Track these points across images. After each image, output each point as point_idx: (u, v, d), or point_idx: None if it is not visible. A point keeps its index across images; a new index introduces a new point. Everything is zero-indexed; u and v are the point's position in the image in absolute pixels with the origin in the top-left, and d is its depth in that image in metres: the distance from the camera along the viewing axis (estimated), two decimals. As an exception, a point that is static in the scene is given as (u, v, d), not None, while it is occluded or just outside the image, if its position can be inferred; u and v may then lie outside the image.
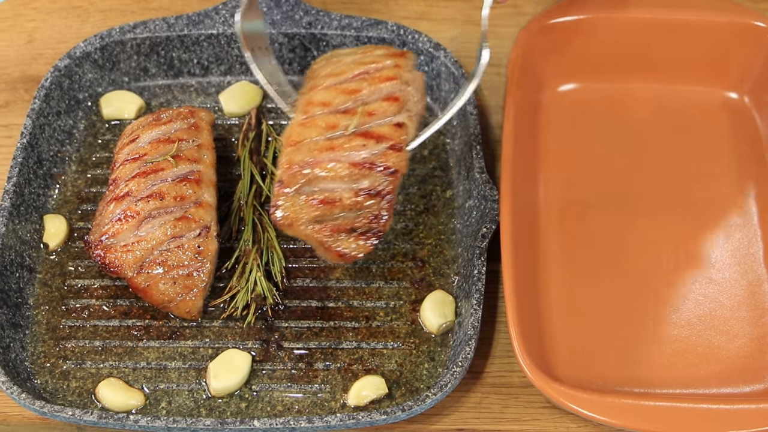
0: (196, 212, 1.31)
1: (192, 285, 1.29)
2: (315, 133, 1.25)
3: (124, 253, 1.29)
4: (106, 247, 1.29)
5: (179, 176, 1.32)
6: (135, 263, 1.29)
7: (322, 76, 1.31)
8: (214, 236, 1.31)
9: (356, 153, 1.23)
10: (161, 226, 1.29)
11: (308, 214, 1.22)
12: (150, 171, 1.32)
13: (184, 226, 1.30)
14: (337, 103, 1.27)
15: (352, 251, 1.24)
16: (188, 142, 1.36)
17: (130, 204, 1.30)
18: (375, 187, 1.23)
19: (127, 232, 1.29)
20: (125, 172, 1.33)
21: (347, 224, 1.23)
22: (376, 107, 1.26)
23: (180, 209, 1.30)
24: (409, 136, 1.27)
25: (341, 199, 1.22)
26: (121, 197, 1.31)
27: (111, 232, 1.30)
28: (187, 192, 1.31)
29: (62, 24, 1.63)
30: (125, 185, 1.32)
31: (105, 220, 1.31)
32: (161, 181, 1.32)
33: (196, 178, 1.33)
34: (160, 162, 1.33)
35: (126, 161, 1.34)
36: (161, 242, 1.29)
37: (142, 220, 1.29)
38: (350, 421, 1.21)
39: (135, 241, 1.29)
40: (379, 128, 1.25)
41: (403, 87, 1.29)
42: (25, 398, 1.22)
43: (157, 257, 1.29)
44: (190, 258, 1.29)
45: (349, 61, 1.32)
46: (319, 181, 1.22)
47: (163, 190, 1.31)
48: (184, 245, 1.29)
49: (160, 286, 1.29)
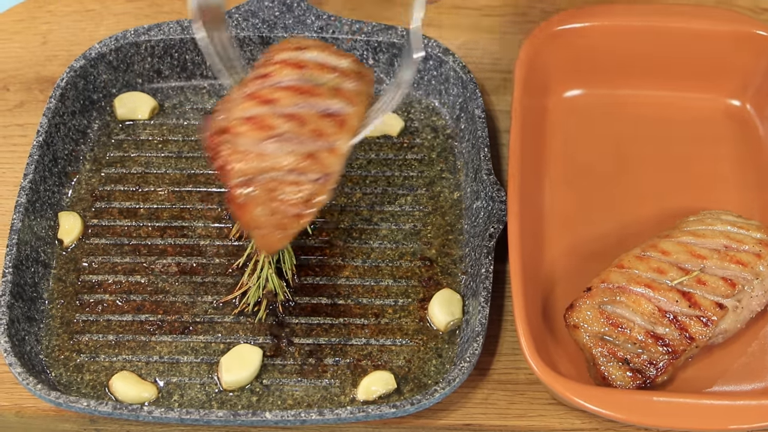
0: (326, 157, 1.21)
1: (287, 226, 1.22)
2: None
3: (238, 155, 1.19)
4: (221, 143, 1.20)
5: (328, 110, 1.23)
6: (243, 174, 1.19)
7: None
8: (329, 188, 1.21)
9: None
10: (288, 154, 1.19)
11: None
12: (305, 90, 1.23)
13: (308, 166, 1.20)
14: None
15: None
16: (351, 82, 1.26)
17: (269, 113, 1.21)
18: None
19: (251, 138, 1.19)
20: (279, 73, 1.24)
21: None
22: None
23: (313, 144, 1.21)
24: None
25: None
26: (264, 100, 1.22)
27: (235, 130, 1.20)
28: (328, 130, 1.22)
29: (76, 26, 1.66)
30: (273, 90, 1.23)
31: (235, 112, 1.22)
32: (310, 106, 1.22)
33: (342, 120, 1.23)
34: (316, 86, 1.23)
35: (286, 62, 1.26)
36: (280, 169, 1.19)
37: (272, 137, 1.19)
38: (360, 414, 1.23)
39: (256, 153, 1.19)
40: None
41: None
42: (40, 389, 1.24)
43: (269, 182, 1.19)
44: (300, 201, 1.20)
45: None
46: None
47: (306, 117, 1.21)
48: (299, 184, 1.20)
49: (257, 210, 1.20)
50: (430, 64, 1.53)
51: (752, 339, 1.33)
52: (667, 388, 1.29)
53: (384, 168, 1.49)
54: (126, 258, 1.40)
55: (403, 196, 1.46)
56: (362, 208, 1.45)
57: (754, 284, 1.30)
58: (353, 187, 1.47)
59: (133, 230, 1.43)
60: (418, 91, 1.55)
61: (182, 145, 1.51)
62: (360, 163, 1.49)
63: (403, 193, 1.46)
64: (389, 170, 1.48)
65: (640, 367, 1.26)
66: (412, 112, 1.54)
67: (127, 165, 1.49)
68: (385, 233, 1.43)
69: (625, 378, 1.25)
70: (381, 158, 1.50)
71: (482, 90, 1.56)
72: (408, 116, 1.54)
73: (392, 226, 1.43)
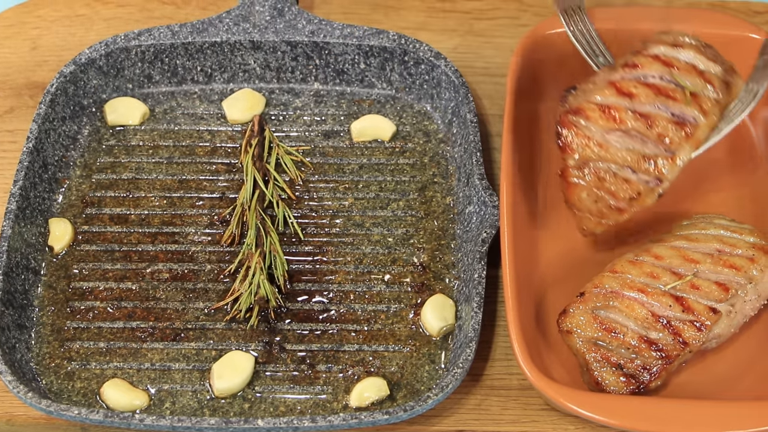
0: (663, 163, 1.26)
1: (606, 215, 1.30)
2: None
3: (583, 139, 1.27)
4: (571, 123, 1.28)
5: (680, 116, 1.27)
6: (582, 157, 1.27)
7: None
8: (657, 194, 1.28)
9: None
10: (629, 151, 1.27)
11: None
12: (665, 92, 1.28)
13: (643, 167, 1.27)
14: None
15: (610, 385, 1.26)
16: (713, 91, 1.30)
17: (623, 105, 1.27)
18: None
19: (599, 126, 1.27)
20: (648, 67, 1.30)
21: None
22: None
23: (654, 148, 1.27)
24: None
25: None
26: (623, 92, 1.28)
27: (587, 113, 1.27)
28: (673, 138, 1.27)
29: (66, 32, 1.65)
30: (635, 83, 1.28)
31: (593, 95, 1.29)
32: (665, 108, 1.27)
33: (690, 131, 1.27)
34: (678, 90, 1.28)
35: (658, 58, 1.30)
36: (617, 162, 1.27)
37: (618, 130, 1.27)
38: (353, 421, 1.23)
39: (598, 141, 1.27)
40: None
41: None
42: (31, 397, 1.24)
43: (603, 170, 1.27)
44: (626, 197, 1.28)
45: None
46: None
47: (656, 119, 1.27)
48: (630, 182, 1.27)
49: (582, 194, 1.29)
50: (422, 68, 1.53)
51: (746, 344, 1.33)
52: (661, 393, 1.29)
53: (376, 173, 1.48)
54: (117, 264, 1.40)
55: (395, 201, 1.46)
56: (354, 213, 1.44)
57: (748, 288, 1.29)
58: (345, 192, 1.46)
59: (124, 236, 1.42)
60: (410, 95, 1.55)
61: (173, 151, 1.50)
62: (352, 168, 1.49)
63: (395, 198, 1.46)
64: (381, 175, 1.48)
65: (633, 373, 1.25)
66: (404, 116, 1.54)
67: (118, 171, 1.48)
68: (377, 238, 1.42)
69: (619, 383, 1.25)
70: (373, 163, 1.49)
71: (474, 94, 1.56)
72: (400, 121, 1.53)
73: (384, 231, 1.43)
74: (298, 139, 1.52)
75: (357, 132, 1.51)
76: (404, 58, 1.53)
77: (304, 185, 1.47)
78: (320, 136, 1.52)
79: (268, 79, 1.57)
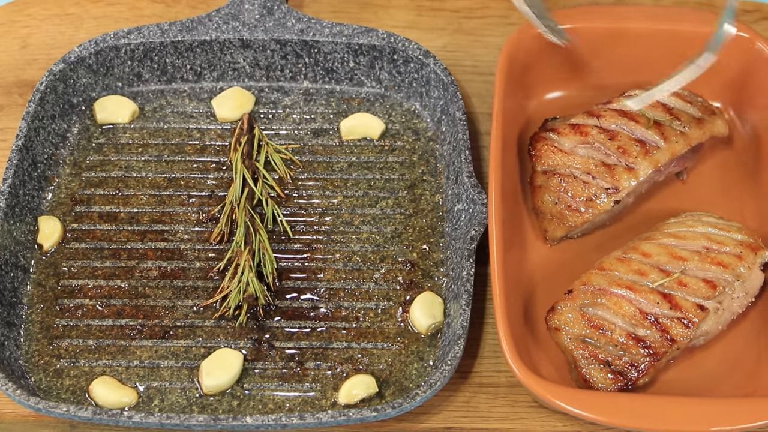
0: (622, 172, 1.37)
1: (566, 217, 1.38)
2: None
3: (551, 149, 1.40)
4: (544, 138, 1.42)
5: (640, 137, 1.39)
6: (549, 165, 1.40)
7: None
8: (613, 200, 1.36)
9: None
10: (591, 159, 1.38)
11: None
12: (630, 116, 1.40)
13: (602, 173, 1.37)
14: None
15: None
16: (679, 124, 1.41)
17: (591, 123, 1.40)
18: None
19: (569, 140, 1.40)
20: (620, 104, 1.41)
21: None
22: None
23: (614, 159, 1.38)
24: None
25: None
26: (594, 114, 1.42)
27: (560, 131, 1.41)
28: (632, 152, 1.37)
29: (56, 30, 1.65)
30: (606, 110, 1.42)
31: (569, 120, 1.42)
32: (628, 130, 1.39)
33: (649, 150, 1.38)
34: (642, 117, 1.40)
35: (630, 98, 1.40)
36: (578, 169, 1.38)
37: (585, 143, 1.39)
38: (341, 418, 1.23)
39: (565, 150, 1.39)
40: None
41: None
42: (19, 394, 1.24)
43: (566, 175, 1.38)
44: (585, 201, 1.37)
45: None
46: None
47: (618, 135, 1.39)
48: (589, 184, 1.37)
49: (545, 196, 1.39)
50: (411, 67, 1.53)
51: (733, 341, 1.33)
52: (649, 390, 1.30)
53: (365, 171, 1.49)
54: (106, 262, 1.40)
55: (384, 198, 1.46)
56: (343, 211, 1.45)
57: (735, 286, 1.30)
58: (334, 190, 1.47)
59: (114, 234, 1.42)
60: (399, 93, 1.55)
61: (162, 149, 1.50)
62: (341, 166, 1.49)
63: (384, 196, 1.46)
64: (370, 173, 1.48)
65: (621, 369, 1.26)
66: (393, 114, 1.54)
67: (107, 169, 1.48)
68: (366, 236, 1.42)
69: (607, 380, 1.25)
70: (362, 161, 1.49)
71: (463, 92, 1.56)
72: (389, 119, 1.54)
73: (373, 229, 1.43)
74: (288, 138, 1.52)
75: (346, 130, 1.52)
76: (393, 56, 1.53)
77: (293, 183, 1.47)
78: (309, 135, 1.52)
79: (258, 78, 1.57)
